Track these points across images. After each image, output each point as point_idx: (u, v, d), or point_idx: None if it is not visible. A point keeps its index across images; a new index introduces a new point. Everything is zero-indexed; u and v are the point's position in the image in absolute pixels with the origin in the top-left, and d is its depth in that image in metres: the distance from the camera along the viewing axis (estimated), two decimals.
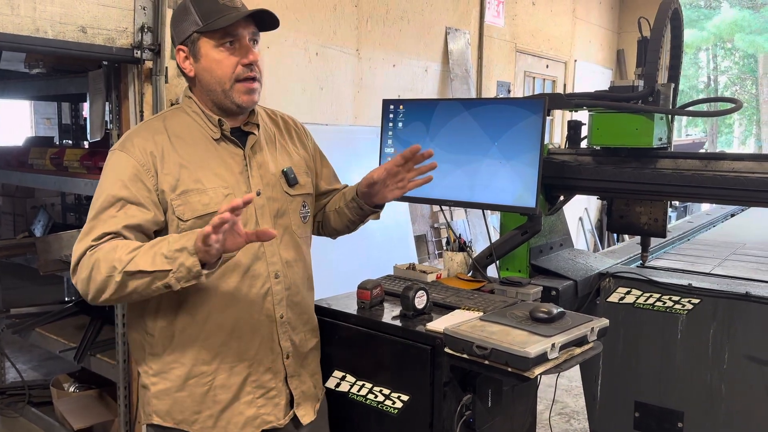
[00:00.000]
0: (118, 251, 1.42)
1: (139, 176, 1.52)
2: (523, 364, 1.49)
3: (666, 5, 2.27)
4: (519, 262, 2.35)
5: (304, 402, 1.72)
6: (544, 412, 3.24)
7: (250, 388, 1.62)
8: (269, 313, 1.64)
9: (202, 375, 1.58)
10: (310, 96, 4.15)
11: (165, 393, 1.60)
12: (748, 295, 2.19)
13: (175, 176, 1.54)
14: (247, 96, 1.59)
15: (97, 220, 1.49)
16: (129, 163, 1.53)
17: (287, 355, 1.68)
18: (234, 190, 1.59)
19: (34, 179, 3.54)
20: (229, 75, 1.56)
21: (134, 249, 1.42)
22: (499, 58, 6.17)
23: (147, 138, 1.57)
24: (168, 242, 1.41)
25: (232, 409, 1.60)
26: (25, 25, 2.42)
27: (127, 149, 1.55)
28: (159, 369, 1.61)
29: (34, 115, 6.91)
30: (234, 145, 1.63)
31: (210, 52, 1.56)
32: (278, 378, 1.66)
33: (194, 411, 1.59)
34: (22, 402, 3.57)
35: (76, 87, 3.24)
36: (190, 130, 1.61)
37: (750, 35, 18.20)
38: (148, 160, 1.53)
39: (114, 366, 3.01)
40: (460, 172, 2.14)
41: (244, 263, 1.59)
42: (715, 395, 2.26)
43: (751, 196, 2.05)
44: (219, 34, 1.55)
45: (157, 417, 1.62)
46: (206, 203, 1.55)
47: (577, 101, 2.32)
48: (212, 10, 1.54)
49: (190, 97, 1.64)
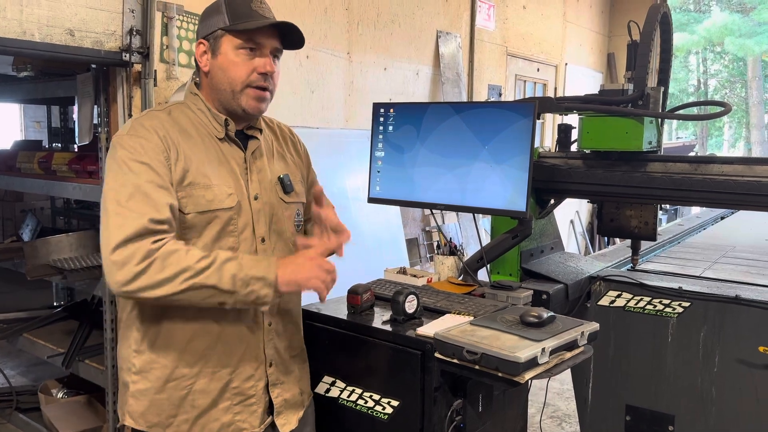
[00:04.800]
0: (188, 256, 1.40)
1: (160, 159, 1.48)
2: (513, 368, 1.48)
3: (655, 9, 2.28)
4: (510, 265, 2.35)
5: (286, 410, 1.70)
6: (536, 415, 3.24)
7: (229, 394, 1.60)
8: (258, 320, 1.63)
9: (183, 378, 1.57)
10: (300, 99, 4.14)
11: (143, 393, 1.58)
12: (738, 298, 2.20)
13: (182, 167, 1.52)
14: (255, 102, 1.59)
15: (138, 201, 1.41)
16: (148, 146, 1.48)
17: (270, 363, 1.66)
18: (236, 191, 1.58)
19: (22, 183, 3.51)
20: (243, 78, 1.56)
21: (202, 259, 1.41)
22: (490, 61, 6.17)
23: (157, 125, 1.54)
24: (242, 265, 1.44)
25: (209, 415, 1.59)
26: (11, 28, 2.40)
27: (140, 134, 1.50)
28: (141, 367, 1.58)
29: (24, 119, 6.86)
30: (237, 146, 1.63)
31: (229, 52, 1.56)
32: (259, 386, 1.64)
33: (170, 414, 1.57)
34: (9, 408, 3.53)
35: (64, 90, 3.22)
36: (194, 125, 1.60)
37: (740, 39, 18.34)
38: (163, 145, 1.50)
39: (103, 372, 2.98)
40: (450, 176, 2.14)
41: None
42: (705, 398, 2.26)
43: (740, 199, 2.06)
44: (243, 38, 1.55)
45: (130, 418, 1.59)
46: (210, 199, 1.53)
47: (567, 105, 2.32)
48: (243, 14, 1.55)
49: (197, 94, 1.63)
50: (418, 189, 2.20)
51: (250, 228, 1.59)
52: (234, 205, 1.56)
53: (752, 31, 18.24)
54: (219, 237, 1.55)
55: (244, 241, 1.58)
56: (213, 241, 1.54)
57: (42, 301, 4.17)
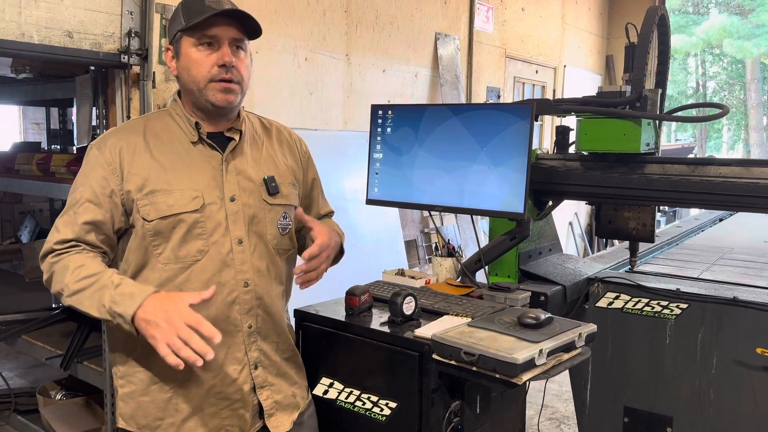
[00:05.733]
0: (68, 273, 1.48)
1: (105, 176, 1.55)
2: (510, 370, 1.49)
3: (653, 11, 2.28)
4: (508, 267, 2.35)
5: (278, 412, 1.68)
6: (534, 417, 3.24)
7: (214, 399, 1.59)
8: (236, 323, 1.60)
9: (164, 381, 1.57)
10: (299, 101, 4.14)
11: (130, 396, 1.60)
12: (735, 299, 2.20)
13: (142, 176, 1.55)
14: (222, 95, 1.58)
15: (67, 216, 1.55)
16: (98, 161, 1.57)
17: (255, 366, 1.64)
18: (204, 194, 1.57)
19: (21, 185, 3.51)
20: (204, 75, 1.56)
21: (82, 279, 1.46)
22: (489, 63, 6.18)
23: (121, 137, 1.59)
24: (111, 296, 1.43)
25: (195, 420, 1.58)
26: (10, 30, 2.40)
27: (99, 147, 1.59)
28: (125, 371, 1.62)
29: (23, 120, 6.87)
30: (211, 148, 1.62)
31: (189, 51, 1.57)
32: (244, 389, 1.63)
33: (157, 417, 1.58)
34: (8, 410, 3.52)
35: (63, 92, 3.23)
36: (170, 131, 1.62)
37: (738, 41, 18.39)
38: (115, 159, 1.56)
39: (101, 373, 2.98)
40: (448, 178, 2.14)
41: (210, 270, 1.56)
42: (703, 400, 2.26)
43: (738, 201, 2.06)
44: (198, 35, 1.55)
45: (122, 420, 1.62)
46: (171, 204, 1.54)
47: (564, 107, 2.33)
48: (196, 11, 1.54)
49: (176, 99, 1.66)
50: (416, 191, 2.20)
51: (222, 229, 1.58)
52: (198, 207, 1.55)
53: (751, 33, 18.29)
54: (185, 240, 1.55)
55: (215, 243, 1.57)
56: (180, 244, 1.54)
57: (40, 303, 4.15)
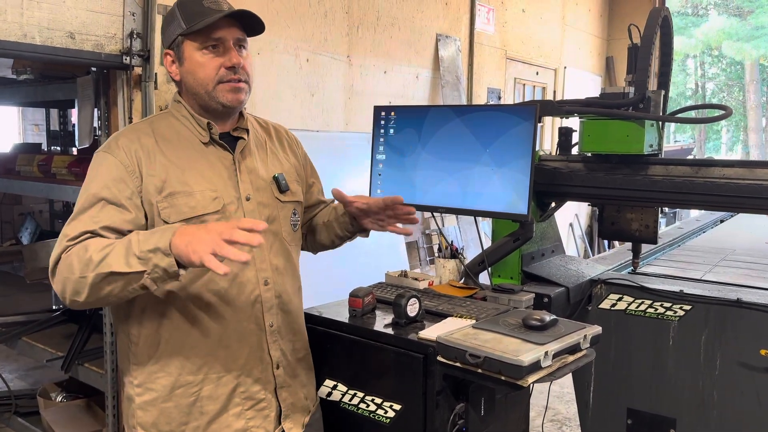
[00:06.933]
0: (90, 250, 1.36)
1: (123, 177, 1.49)
2: (516, 372, 1.48)
3: (656, 12, 2.28)
4: (511, 268, 2.34)
5: (292, 414, 1.68)
6: (537, 418, 3.23)
7: (238, 399, 1.58)
8: (258, 322, 1.61)
9: (188, 385, 1.55)
10: (300, 102, 4.13)
11: (151, 404, 1.56)
12: (739, 301, 2.19)
13: (161, 178, 1.51)
14: (232, 94, 1.57)
15: (77, 220, 1.45)
16: (113, 163, 1.50)
17: (277, 365, 1.64)
18: (222, 194, 1.56)
19: (21, 186, 3.51)
20: (212, 77, 1.55)
21: (106, 246, 1.36)
22: (490, 64, 6.18)
23: (133, 139, 1.54)
24: (138, 240, 1.34)
25: (220, 421, 1.57)
26: (12, 31, 2.40)
27: (112, 150, 1.52)
28: (143, 380, 1.57)
29: (23, 122, 6.86)
30: (223, 149, 1.61)
31: (193, 55, 1.55)
32: (268, 389, 1.63)
33: (181, 422, 1.55)
34: (8, 412, 3.51)
35: (64, 93, 3.21)
36: (178, 133, 1.59)
37: (737, 42, 18.41)
38: (132, 161, 1.51)
39: (102, 375, 2.97)
40: (451, 179, 2.13)
41: (232, 269, 1.55)
42: (707, 402, 2.26)
43: (742, 203, 2.06)
44: (202, 38, 1.54)
45: (142, 429, 1.57)
46: (193, 206, 1.52)
47: (568, 108, 2.32)
48: (196, 13, 1.53)
49: (179, 101, 1.63)
50: (419, 192, 2.20)
51: None
52: (219, 208, 1.55)
53: (750, 35, 18.31)
54: None
55: None
56: None
57: (41, 305, 4.14)
